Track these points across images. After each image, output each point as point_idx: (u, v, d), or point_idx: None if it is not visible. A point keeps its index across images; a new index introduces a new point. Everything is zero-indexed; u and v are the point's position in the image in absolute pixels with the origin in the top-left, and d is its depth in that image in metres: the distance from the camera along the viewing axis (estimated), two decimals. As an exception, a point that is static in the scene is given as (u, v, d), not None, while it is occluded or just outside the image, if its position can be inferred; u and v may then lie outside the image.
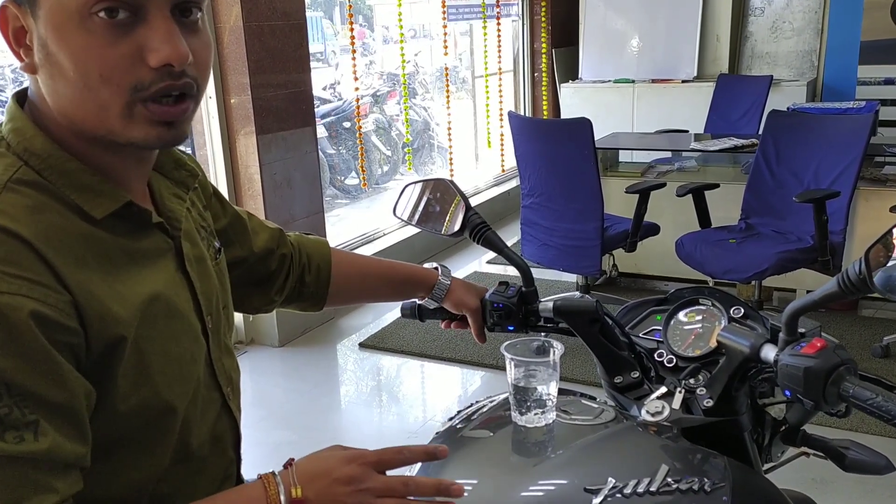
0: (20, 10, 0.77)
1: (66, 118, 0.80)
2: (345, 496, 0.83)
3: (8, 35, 0.79)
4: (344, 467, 0.86)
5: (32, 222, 0.76)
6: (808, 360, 0.92)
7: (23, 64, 0.80)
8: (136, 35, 0.76)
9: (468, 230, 1.32)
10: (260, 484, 0.83)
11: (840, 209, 3.26)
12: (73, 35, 0.75)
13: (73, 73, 0.76)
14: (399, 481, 0.86)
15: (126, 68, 0.76)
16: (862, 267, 0.86)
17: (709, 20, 5.88)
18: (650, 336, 1.26)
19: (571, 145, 3.46)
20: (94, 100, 0.77)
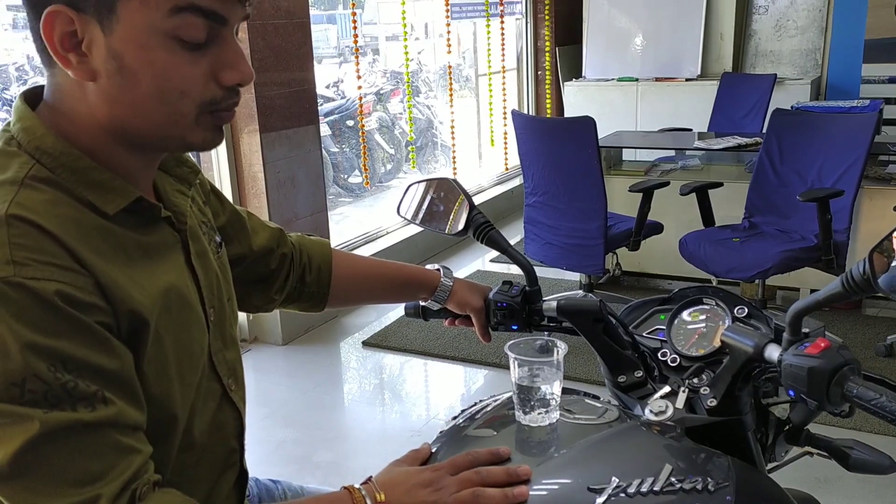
0: (80, 18, 0.78)
1: (118, 123, 0.82)
2: (425, 496, 0.91)
3: (52, 38, 0.78)
4: (420, 474, 0.94)
5: (52, 215, 0.78)
6: (812, 360, 0.92)
7: (74, 70, 0.80)
8: (210, 54, 0.82)
9: (472, 229, 1.32)
10: (345, 492, 0.91)
11: (844, 208, 3.26)
12: (157, 54, 0.79)
13: (150, 87, 0.80)
14: (472, 472, 0.94)
15: (203, 85, 0.82)
16: (866, 267, 0.86)
17: (712, 18, 5.87)
18: (654, 335, 1.26)
19: (575, 144, 3.45)
20: (169, 112, 0.82)
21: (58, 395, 0.73)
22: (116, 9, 0.77)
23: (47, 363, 0.72)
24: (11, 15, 7.47)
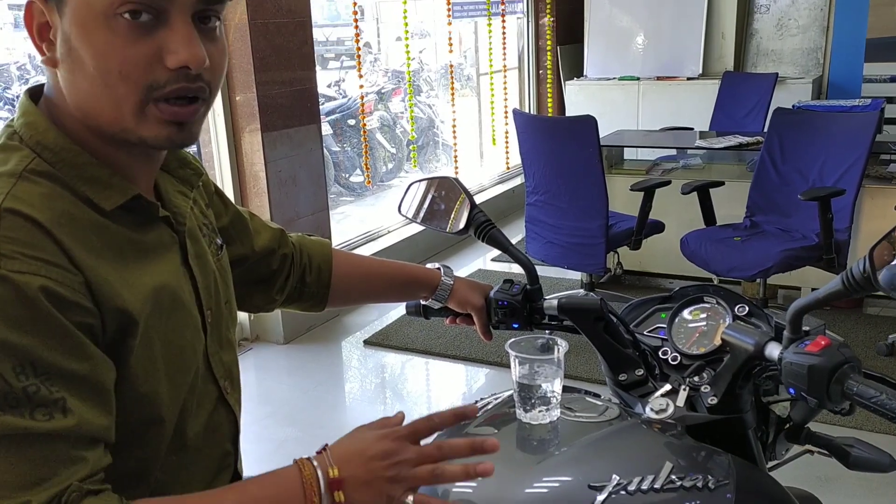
0: (46, 6, 0.80)
1: (81, 113, 0.83)
2: (382, 471, 0.84)
3: (32, 29, 0.81)
4: (377, 444, 0.86)
5: (47, 208, 0.78)
6: (813, 358, 0.92)
7: (44, 58, 0.82)
8: (157, 37, 0.79)
9: (473, 228, 1.32)
10: (294, 467, 0.84)
11: (845, 207, 3.26)
12: (97, 33, 0.78)
13: (93, 68, 0.79)
14: (433, 447, 0.87)
15: (144, 67, 0.79)
16: (866, 265, 0.86)
17: (714, 17, 5.87)
18: (655, 334, 1.26)
19: (576, 143, 3.46)
20: (111, 96, 0.80)
21: (17, 397, 0.72)
22: None
23: (14, 363, 0.72)
24: (13, 14, 7.46)
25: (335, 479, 0.82)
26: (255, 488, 0.83)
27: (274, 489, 0.82)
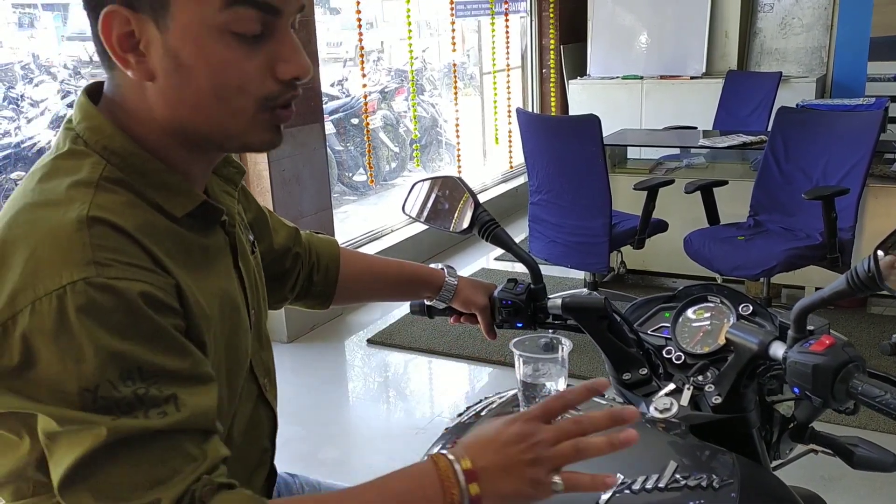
0: (136, 17, 0.77)
1: (177, 121, 0.81)
2: (519, 454, 0.79)
3: (111, 39, 0.77)
4: (509, 428, 0.81)
5: (130, 216, 0.78)
6: (817, 358, 0.92)
7: (131, 70, 0.79)
8: (265, 49, 0.80)
9: (477, 227, 1.32)
10: (429, 461, 0.80)
11: (849, 206, 3.25)
12: (212, 49, 0.78)
13: (208, 83, 0.79)
14: (570, 422, 0.82)
15: (259, 80, 0.80)
16: (871, 264, 0.86)
17: (717, 16, 5.86)
18: (659, 333, 1.26)
19: (579, 142, 3.45)
20: (226, 108, 0.80)
21: (130, 402, 0.72)
22: (170, 6, 0.76)
23: (121, 369, 0.72)
24: (17, 14, 7.47)
25: (468, 471, 0.79)
26: (395, 483, 0.81)
27: (412, 483, 0.80)
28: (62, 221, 0.75)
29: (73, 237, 0.73)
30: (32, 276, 0.72)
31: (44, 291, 0.71)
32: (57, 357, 0.70)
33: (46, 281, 0.71)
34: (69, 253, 0.73)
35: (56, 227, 0.74)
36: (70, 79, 7.21)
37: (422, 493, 0.78)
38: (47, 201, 0.77)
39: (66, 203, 0.76)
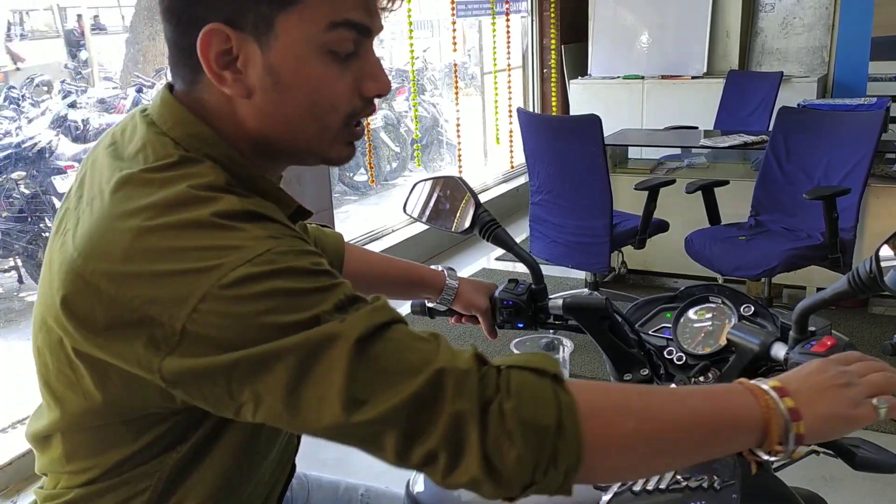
0: (238, 36, 0.78)
1: (262, 135, 0.83)
2: (829, 380, 0.79)
3: (208, 56, 0.78)
4: (810, 365, 0.82)
5: (270, 212, 0.80)
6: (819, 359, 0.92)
7: (227, 86, 0.80)
8: (353, 67, 0.82)
9: (478, 227, 1.32)
10: (743, 388, 0.79)
11: (850, 206, 3.25)
12: (312, 67, 0.79)
13: (305, 100, 0.81)
14: (879, 376, 0.82)
15: (348, 98, 0.83)
16: (872, 265, 0.86)
17: (719, 16, 5.86)
18: (660, 333, 1.26)
19: (580, 142, 3.45)
20: (318, 124, 0.82)
21: (347, 300, 0.74)
22: (275, 26, 0.77)
23: (337, 297, 0.73)
24: (18, 13, 7.45)
25: (778, 388, 0.78)
26: (706, 390, 0.81)
27: (721, 390, 0.80)
28: (216, 212, 0.74)
29: (235, 224, 0.74)
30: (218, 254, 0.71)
31: (238, 262, 0.70)
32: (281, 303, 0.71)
33: (233, 259, 0.71)
34: (241, 232, 0.73)
35: (212, 214, 0.74)
36: (71, 80, 7.21)
37: (731, 398, 0.78)
38: (178, 202, 0.74)
39: (204, 201, 0.75)
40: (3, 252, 4.65)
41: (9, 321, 4.60)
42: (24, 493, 2.65)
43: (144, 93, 6.61)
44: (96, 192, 0.80)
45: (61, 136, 4.93)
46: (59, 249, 0.79)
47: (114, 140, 0.86)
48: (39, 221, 4.61)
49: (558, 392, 0.72)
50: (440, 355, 0.72)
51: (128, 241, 0.73)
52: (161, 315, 0.70)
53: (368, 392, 0.69)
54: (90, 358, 0.76)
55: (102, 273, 0.73)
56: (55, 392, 0.82)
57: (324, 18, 0.78)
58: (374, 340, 0.71)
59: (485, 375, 0.72)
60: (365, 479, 1.30)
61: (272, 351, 0.69)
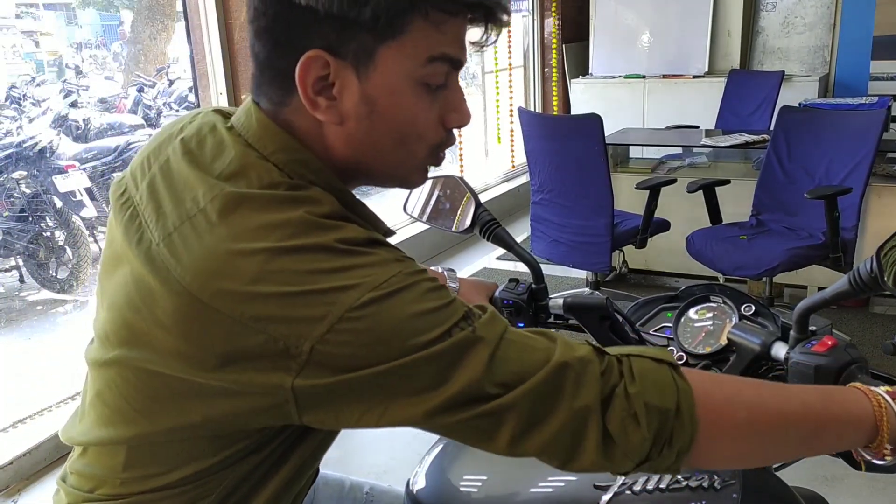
0: (337, 63, 0.78)
1: (349, 160, 0.84)
2: None
3: (306, 82, 0.79)
4: None
5: None
6: (819, 359, 0.92)
7: (320, 111, 0.80)
8: (440, 99, 0.84)
9: (478, 227, 1.32)
10: (860, 393, 0.81)
11: (852, 206, 3.25)
12: (406, 98, 0.81)
13: (396, 130, 0.82)
14: None
15: (434, 128, 0.84)
16: (874, 265, 0.86)
17: (720, 15, 5.85)
18: (661, 333, 1.26)
19: (581, 141, 3.45)
20: (406, 152, 0.84)
21: (468, 317, 0.76)
22: (375, 56, 0.78)
23: (461, 311, 0.75)
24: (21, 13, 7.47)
25: (891, 392, 0.81)
26: (833, 389, 0.82)
27: (836, 390, 0.82)
28: (341, 238, 0.75)
29: (365, 250, 0.75)
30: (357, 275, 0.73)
31: (374, 284, 0.72)
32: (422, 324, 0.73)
33: (369, 280, 0.72)
34: (371, 256, 0.75)
35: (338, 241, 0.75)
36: (73, 79, 7.22)
37: (843, 395, 0.80)
38: (305, 227, 0.75)
39: (328, 228, 0.75)
40: (4, 252, 4.65)
41: (10, 321, 4.61)
42: (24, 492, 2.65)
43: (145, 92, 6.61)
44: (192, 207, 0.78)
45: (62, 136, 4.94)
46: (149, 263, 0.77)
47: (187, 148, 0.84)
48: (40, 221, 4.62)
49: (676, 378, 0.76)
50: (559, 349, 0.76)
51: (257, 263, 0.72)
52: (289, 336, 0.70)
53: (498, 387, 0.73)
54: (197, 382, 0.75)
55: (226, 295, 0.72)
56: (134, 406, 0.80)
57: (424, 52, 0.79)
58: (500, 344, 0.74)
59: (607, 364, 0.76)
60: (367, 477, 1.30)
61: (412, 363, 0.71)
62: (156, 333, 0.75)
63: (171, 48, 8.37)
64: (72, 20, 10.67)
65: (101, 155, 4.95)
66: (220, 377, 0.73)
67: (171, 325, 0.74)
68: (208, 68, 3.55)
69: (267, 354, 0.71)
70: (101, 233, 5.09)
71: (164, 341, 0.75)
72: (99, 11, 11.21)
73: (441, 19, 0.79)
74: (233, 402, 0.75)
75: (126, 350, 0.79)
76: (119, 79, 8.34)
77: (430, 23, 0.78)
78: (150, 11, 8.47)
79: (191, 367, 0.74)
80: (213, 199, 0.77)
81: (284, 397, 0.72)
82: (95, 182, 4.83)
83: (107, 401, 0.83)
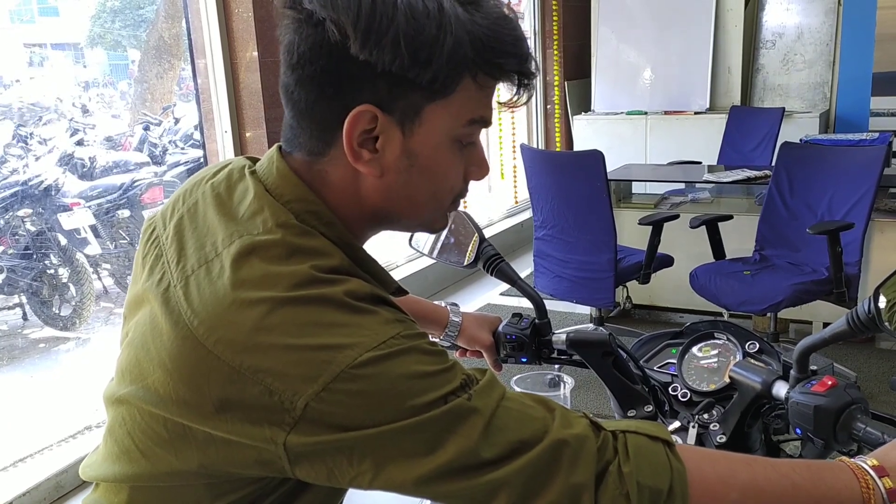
0: (384, 118, 0.79)
1: (381, 209, 0.85)
2: None
3: (352, 134, 0.79)
4: None
5: None
6: (819, 399, 0.91)
7: (361, 163, 0.81)
8: (466, 154, 0.87)
9: (482, 261, 1.32)
10: (843, 465, 0.82)
11: (854, 241, 3.25)
12: (444, 155, 0.84)
13: (432, 184, 0.85)
14: None
15: (459, 181, 0.88)
16: (871, 305, 0.85)
17: (720, 52, 5.91)
18: (665, 370, 1.26)
19: (584, 177, 3.47)
20: (436, 203, 0.88)
21: (465, 383, 0.76)
22: (422, 114, 0.80)
23: (460, 376, 0.76)
24: (28, 52, 7.54)
25: (876, 467, 0.81)
26: (822, 469, 0.82)
27: (823, 465, 0.83)
28: (347, 291, 0.75)
29: (368, 307, 0.76)
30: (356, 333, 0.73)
31: (371, 345, 0.72)
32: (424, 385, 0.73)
33: (368, 339, 0.72)
34: (372, 315, 0.75)
35: (344, 294, 0.75)
36: (80, 117, 7.28)
37: (832, 476, 0.80)
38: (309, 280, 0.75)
39: (333, 282, 0.76)
40: (9, 289, 4.66)
41: (12, 358, 4.59)
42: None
43: (151, 130, 6.66)
44: (210, 252, 0.79)
45: (68, 174, 4.97)
46: (165, 304, 0.78)
47: (216, 192, 0.85)
48: (44, 258, 4.63)
49: (671, 458, 0.76)
50: (556, 421, 0.76)
51: (259, 313, 0.72)
52: (284, 390, 0.70)
53: (493, 457, 0.73)
54: (194, 428, 0.75)
55: (228, 342, 0.72)
56: (139, 445, 0.80)
57: (467, 114, 0.82)
58: (497, 412, 0.75)
59: (603, 440, 0.76)
60: None
61: (405, 428, 0.71)
62: (158, 375, 0.76)
63: (178, 87, 8.45)
64: (79, 59, 10.80)
65: (106, 192, 4.98)
66: (216, 425, 0.73)
67: (172, 369, 0.75)
68: (213, 107, 3.59)
69: (262, 406, 0.71)
70: (104, 270, 5.09)
71: (165, 384, 0.75)
72: (107, 51, 11.36)
73: (486, 83, 0.82)
74: (227, 451, 0.74)
75: (134, 388, 0.79)
76: (126, 117, 8.42)
77: (477, 84, 0.81)
78: (156, 51, 8.57)
79: (188, 412, 0.74)
80: (230, 245, 0.78)
81: (277, 451, 0.72)
82: (100, 219, 4.85)
83: (116, 438, 0.83)
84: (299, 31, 0.79)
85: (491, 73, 0.82)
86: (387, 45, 0.75)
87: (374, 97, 0.78)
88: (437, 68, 0.77)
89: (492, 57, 0.81)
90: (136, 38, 9.50)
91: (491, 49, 0.80)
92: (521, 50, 0.83)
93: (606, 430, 0.78)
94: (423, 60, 0.76)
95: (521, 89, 0.86)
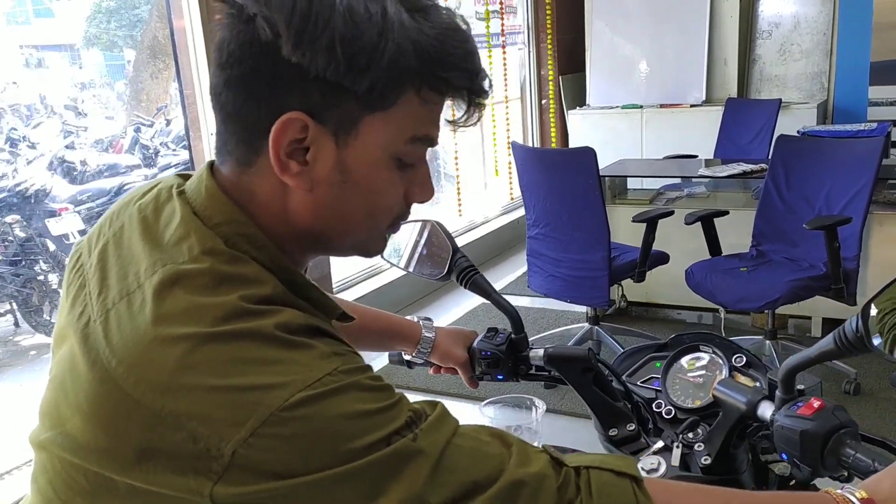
0: (317, 128, 0.74)
1: (310, 228, 0.79)
2: None
3: (279, 143, 0.73)
4: None
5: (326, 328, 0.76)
6: (805, 423, 0.86)
7: (288, 175, 0.75)
8: (408, 174, 0.81)
9: (455, 273, 1.27)
10: (823, 492, 0.79)
11: (853, 235, 3.19)
12: (381, 172, 0.78)
13: (365, 201, 0.79)
14: None
15: (398, 203, 0.83)
16: (859, 324, 0.80)
17: (716, 44, 5.84)
18: (649, 385, 1.21)
19: (575, 174, 3.41)
20: (371, 223, 0.82)
21: (413, 419, 0.70)
22: (359, 126, 0.75)
23: (405, 414, 0.70)
24: (23, 54, 7.48)
25: (865, 500, 0.76)
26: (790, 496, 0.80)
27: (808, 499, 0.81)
28: (279, 324, 0.69)
29: (302, 341, 0.69)
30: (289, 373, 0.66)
31: (304, 384, 0.65)
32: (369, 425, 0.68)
33: (300, 377, 0.66)
34: (306, 350, 0.69)
35: (274, 327, 0.69)
36: (74, 119, 7.23)
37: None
38: (237, 312, 0.69)
39: (264, 314, 0.69)
40: (-2, 297, 4.62)
41: (1, 366, 4.55)
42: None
43: (142, 132, 6.61)
44: (132, 283, 0.73)
45: (56, 178, 4.93)
46: (83, 341, 0.71)
47: (143, 216, 0.79)
48: (34, 265, 4.59)
49: (638, 495, 0.72)
50: (513, 459, 0.71)
51: (181, 351, 0.66)
52: (209, 436, 0.64)
53: (443, 501, 0.67)
54: (114, 479, 0.68)
55: (148, 384, 0.66)
56: (60, 496, 0.73)
57: (408, 130, 0.77)
58: (447, 451, 0.69)
59: (564, 478, 0.71)
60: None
61: (343, 474, 0.65)
62: (76, 420, 0.69)
63: (172, 87, 8.40)
64: (75, 60, 10.75)
65: (96, 196, 4.93)
66: (137, 476, 0.67)
67: (90, 414, 0.68)
68: (198, 109, 3.53)
69: (186, 454, 0.64)
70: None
71: (83, 430, 0.69)
72: (103, 51, 11.31)
73: (431, 98, 0.77)
74: (152, 498, 0.68)
75: (53, 434, 0.72)
76: (120, 118, 8.37)
77: (420, 99, 0.76)
78: (151, 50, 8.51)
79: (108, 461, 0.68)
80: (153, 275, 0.72)
81: (203, 503, 0.66)
82: (89, 224, 4.80)
83: (39, 487, 0.76)
84: (231, 27, 0.73)
85: (437, 87, 0.76)
86: (321, 48, 0.69)
87: (306, 104, 0.72)
88: (376, 77, 0.71)
89: (438, 70, 0.75)
90: (131, 38, 9.45)
91: (437, 61, 0.74)
92: (472, 65, 0.77)
93: (569, 465, 0.72)
94: (360, 67, 0.71)
95: (472, 108, 0.81)
